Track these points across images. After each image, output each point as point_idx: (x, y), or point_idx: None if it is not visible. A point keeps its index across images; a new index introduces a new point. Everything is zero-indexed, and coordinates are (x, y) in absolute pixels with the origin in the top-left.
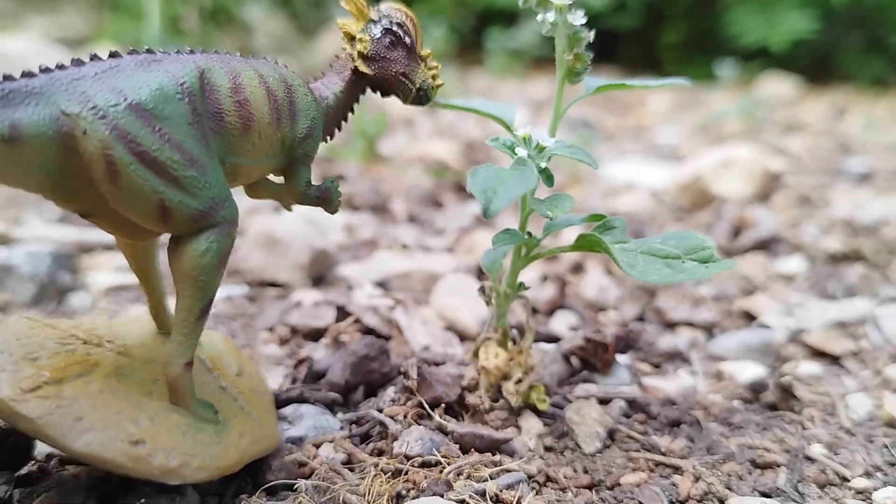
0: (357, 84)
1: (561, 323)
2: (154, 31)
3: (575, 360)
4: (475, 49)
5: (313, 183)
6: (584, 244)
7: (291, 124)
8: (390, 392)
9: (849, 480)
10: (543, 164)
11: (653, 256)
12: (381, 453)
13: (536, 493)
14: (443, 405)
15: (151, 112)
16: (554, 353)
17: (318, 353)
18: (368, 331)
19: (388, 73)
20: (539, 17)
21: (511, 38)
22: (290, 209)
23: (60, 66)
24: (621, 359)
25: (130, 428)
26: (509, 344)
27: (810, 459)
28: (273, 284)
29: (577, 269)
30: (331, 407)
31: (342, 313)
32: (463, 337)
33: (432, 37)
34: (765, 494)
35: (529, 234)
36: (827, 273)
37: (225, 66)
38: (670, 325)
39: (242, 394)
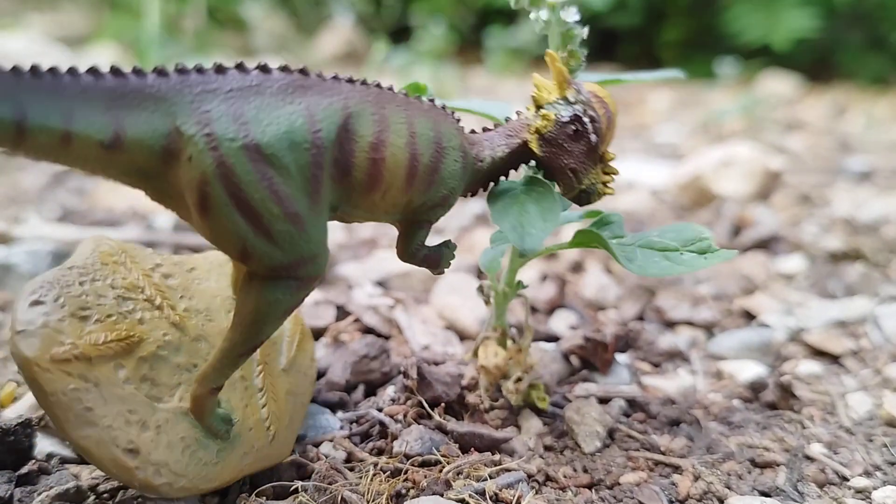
0: (521, 156)
1: (560, 322)
2: (153, 29)
3: (574, 360)
4: (475, 47)
5: (426, 244)
6: (582, 240)
7: (424, 191)
8: (390, 391)
9: (848, 479)
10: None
11: (651, 250)
12: (380, 452)
13: (536, 493)
14: (442, 404)
15: (268, 158)
16: (553, 353)
17: (318, 352)
18: (368, 330)
19: (558, 162)
20: (532, 16)
21: (511, 37)
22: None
23: (200, 70)
24: (621, 358)
25: (132, 433)
26: (509, 343)
27: (810, 458)
28: None
29: (577, 267)
30: (331, 406)
31: (342, 312)
32: (463, 336)
33: (431, 35)
34: (764, 494)
35: None
36: (827, 272)
37: (378, 112)
38: (670, 325)
39: (275, 398)
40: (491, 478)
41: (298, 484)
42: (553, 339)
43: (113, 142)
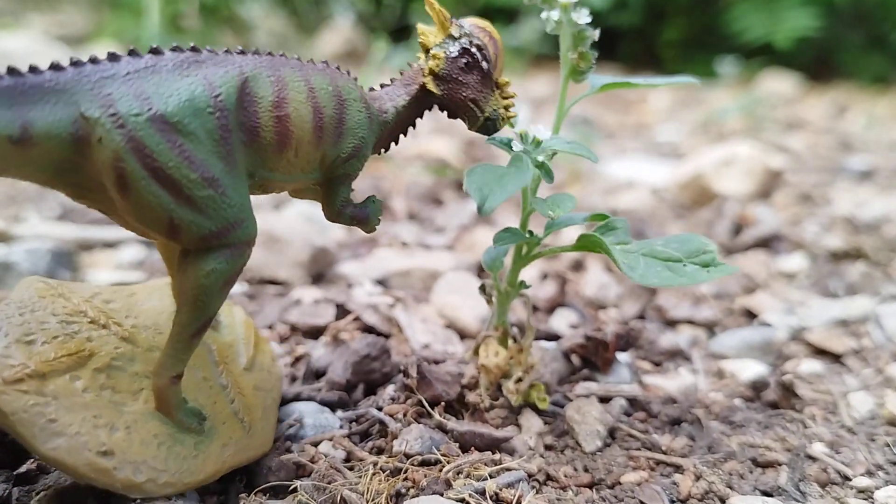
0: (423, 101)
1: (561, 321)
2: (154, 28)
3: (575, 359)
4: None
5: (351, 201)
6: (586, 245)
7: (335, 143)
8: (390, 390)
9: (850, 479)
10: (541, 159)
11: (654, 259)
12: (380, 452)
13: (536, 492)
14: (442, 403)
15: (175, 126)
16: (554, 352)
17: (318, 351)
18: (368, 329)
19: (457, 96)
20: (543, 16)
21: (512, 36)
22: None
23: (94, 60)
24: (622, 357)
25: (102, 436)
26: (510, 342)
27: (812, 458)
28: (273, 282)
29: (578, 266)
30: (330, 405)
31: (342, 311)
32: (463, 335)
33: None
34: (766, 493)
35: (531, 232)
36: (828, 271)
37: (273, 73)
38: (671, 323)
39: (243, 394)
40: (491, 477)
41: (298, 483)
42: (554, 337)
43: (21, 136)
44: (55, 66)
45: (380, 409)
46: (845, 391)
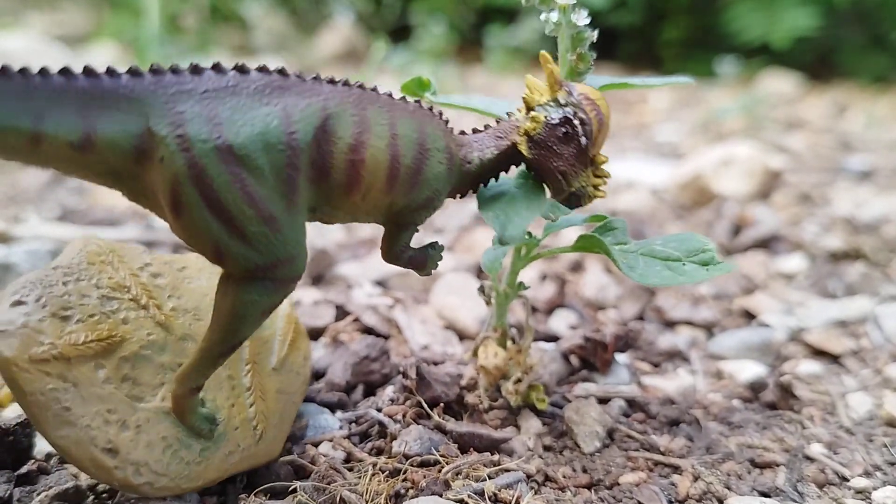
0: (511, 157)
1: (560, 322)
2: (153, 28)
3: (574, 360)
4: (475, 46)
5: (411, 246)
6: (585, 245)
7: (407, 193)
8: (389, 391)
9: (848, 480)
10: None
11: (653, 258)
12: (379, 452)
13: (535, 493)
14: (441, 405)
15: (241, 159)
16: (553, 353)
17: (318, 352)
18: (367, 330)
19: (547, 164)
20: (542, 17)
21: (511, 36)
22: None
23: (175, 70)
24: (621, 358)
25: (111, 433)
26: (508, 343)
27: (810, 459)
28: None
29: (577, 267)
30: (330, 406)
31: (341, 312)
32: (462, 336)
33: (431, 34)
34: (764, 494)
35: (530, 234)
36: (827, 271)
37: (358, 113)
38: (670, 324)
39: (264, 398)
40: (490, 478)
41: (297, 484)
42: (553, 338)
43: (83, 143)
44: (133, 72)
45: (379, 410)
46: (843, 392)
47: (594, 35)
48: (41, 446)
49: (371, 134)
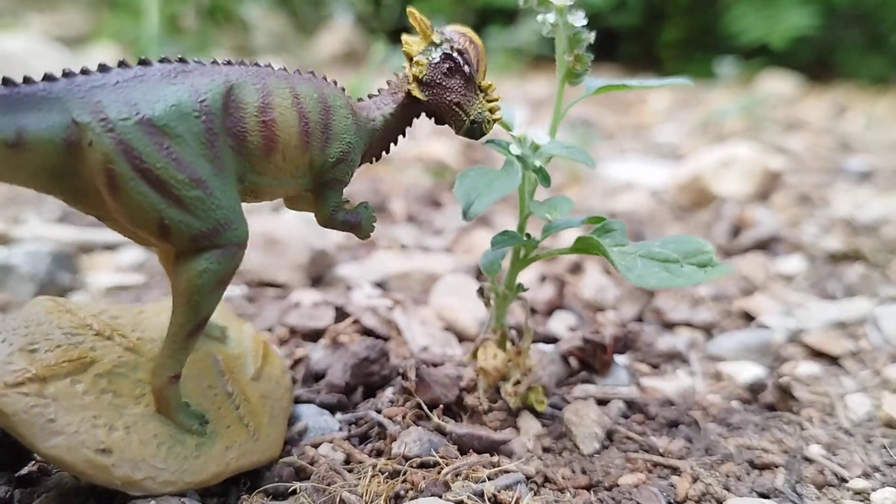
0: (410, 108)
1: (559, 323)
2: (153, 29)
3: (573, 361)
4: None
5: (344, 206)
6: (583, 247)
7: (323, 148)
8: (388, 393)
9: (847, 481)
10: (538, 164)
11: (651, 260)
12: (379, 454)
13: (535, 494)
14: (441, 406)
15: (162, 129)
16: (552, 354)
17: (317, 353)
18: (367, 331)
19: (442, 101)
20: (539, 18)
21: (510, 37)
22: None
23: (85, 72)
24: (620, 359)
25: (101, 435)
26: (508, 345)
27: (809, 460)
28: (272, 285)
29: (576, 269)
30: (330, 407)
31: (341, 314)
32: (462, 337)
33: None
34: (763, 495)
35: (528, 235)
36: (827, 273)
37: (258, 81)
38: (669, 326)
39: (248, 401)
40: (489, 479)
41: (297, 485)
42: (552, 340)
43: (16, 140)
44: (48, 77)
45: (379, 411)
46: (842, 393)
47: (591, 36)
48: None
49: (275, 96)
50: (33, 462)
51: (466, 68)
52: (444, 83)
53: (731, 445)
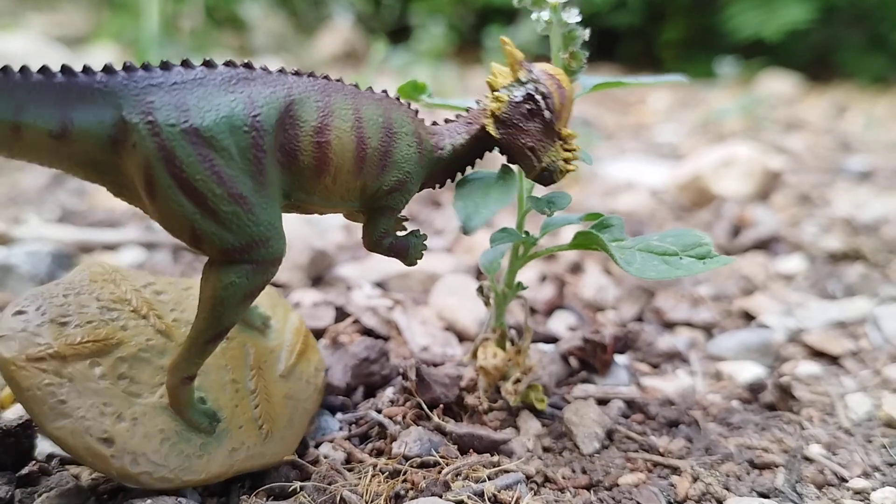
0: (482, 141)
1: (559, 323)
2: (152, 29)
3: (573, 361)
4: (474, 47)
5: (395, 231)
6: (582, 242)
7: (378, 175)
8: (389, 393)
9: (847, 481)
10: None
11: (650, 253)
12: (379, 453)
13: (535, 494)
14: (441, 406)
15: (208, 140)
16: (552, 354)
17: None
18: (367, 331)
19: (515, 142)
20: (533, 16)
21: (510, 36)
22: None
23: (146, 67)
24: (620, 359)
25: (106, 424)
26: (508, 344)
27: (809, 460)
28: (272, 284)
29: (576, 269)
30: (330, 407)
31: (341, 314)
32: (462, 337)
33: (430, 35)
34: (763, 495)
35: (527, 233)
36: (827, 272)
37: (322, 99)
38: (669, 326)
39: (269, 401)
40: (489, 479)
41: (298, 484)
42: (552, 340)
43: (61, 132)
44: (107, 69)
45: (379, 411)
46: (843, 393)
47: (586, 33)
48: (42, 447)
49: (335, 117)
50: (34, 462)
51: (547, 114)
52: (521, 125)
53: (731, 445)
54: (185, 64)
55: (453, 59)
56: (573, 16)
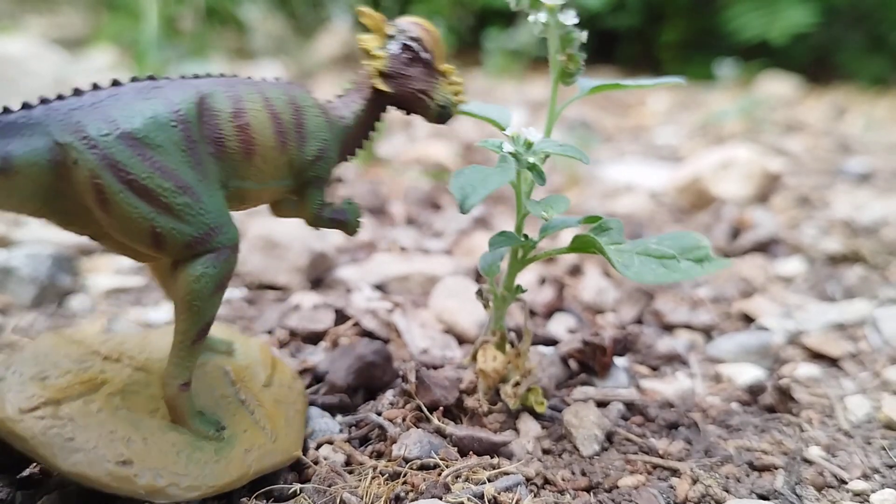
0: (378, 102)
1: (559, 325)
2: (151, 31)
3: (573, 363)
4: (473, 49)
5: (330, 204)
6: (580, 245)
7: (299, 147)
8: (389, 395)
9: (846, 483)
10: (532, 160)
11: (648, 257)
12: (379, 456)
13: (534, 496)
14: (441, 408)
15: (142, 140)
16: (552, 356)
17: (318, 356)
18: (367, 334)
19: (406, 90)
20: (531, 18)
21: (509, 39)
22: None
23: (60, 97)
24: (619, 361)
25: (120, 448)
26: (507, 347)
27: (808, 462)
28: (272, 287)
29: (576, 271)
30: (330, 409)
31: (341, 316)
32: (461, 340)
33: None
34: (762, 497)
35: (526, 236)
36: (826, 274)
37: (228, 90)
38: (668, 328)
39: (262, 406)
40: (489, 481)
41: (298, 486)
42: (551, 342)
43: (3, 166)
44: (25, 105)
45: (379, 413)
46: (842, 395)
47: (583, 35)
48: None
49: (246, 101)
50: (34, 464)
51: (425, 55)
52: (405, 72)
53: (730, 447)
54: (95, 87)
55: (452, 62)
56: (570, 18)
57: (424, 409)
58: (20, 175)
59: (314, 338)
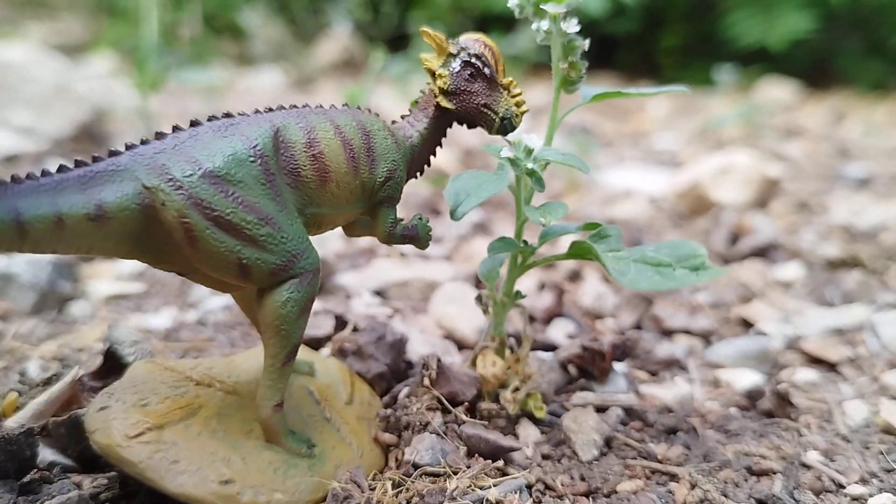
0: (442, 119)
1: (558, 331)
2: (152, 37)
3: (572, 369)
4: None
5: (401, 221)
6: (577, 252)
7: (370, 170)
8: (404, 390)
9: (845, 487)
10: (530, 166)
11: (645, 264)
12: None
13: (534, 501)
14: (465, 403)
15: (224, 178)
16: (551, 362)
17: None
18: None
19: (469, 105)
20: (533, 26)
21: (509, 44)
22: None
23: (144, 142)
24: (618, 367)
25: (222, 468)
26: (507, 352)
27: (806, 466)
28: None
29: (575, 277)
30: None
31: (341, 322)
32: (461, 345)
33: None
34: (761, 502)
35: (525, 242)
36: (825, 279)
37: (301, 121)
38: (667, 333)
39: (347, 424)
40: (493, 486)
41: None
42: (551, 348)
43: (97, 213)
44: (113, 153)
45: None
46: (840, 400)
47: (586, 44)
48: (44, 455)
49: (318, 131)
50: (35, 470)
51: (487, 70)
52: (468, 88)
53: (729, 452)
54: (176, 129)
55: None
56: (573, 26)
57: (443, 400)
58: (113, 220)
59: (315, 344)
